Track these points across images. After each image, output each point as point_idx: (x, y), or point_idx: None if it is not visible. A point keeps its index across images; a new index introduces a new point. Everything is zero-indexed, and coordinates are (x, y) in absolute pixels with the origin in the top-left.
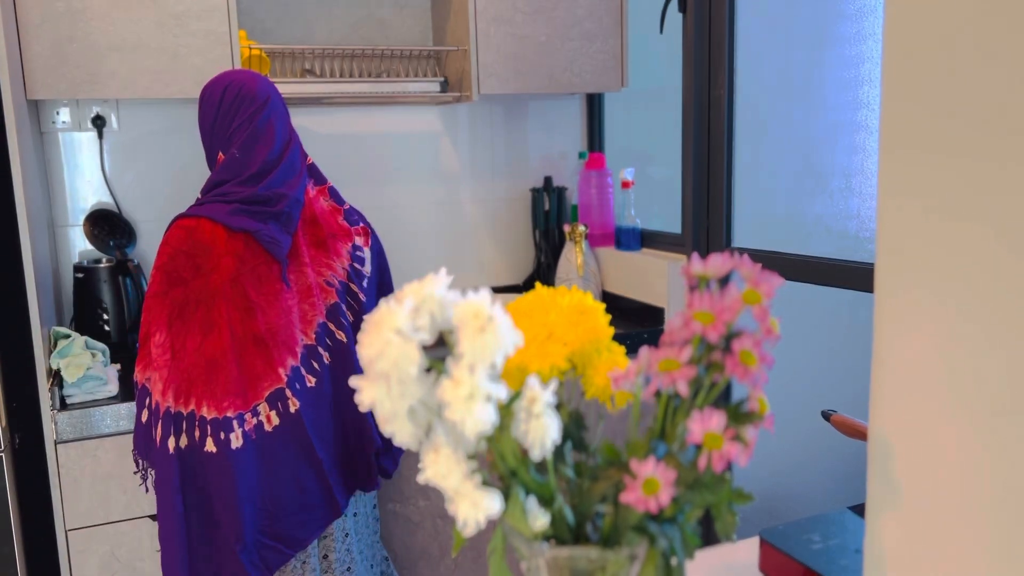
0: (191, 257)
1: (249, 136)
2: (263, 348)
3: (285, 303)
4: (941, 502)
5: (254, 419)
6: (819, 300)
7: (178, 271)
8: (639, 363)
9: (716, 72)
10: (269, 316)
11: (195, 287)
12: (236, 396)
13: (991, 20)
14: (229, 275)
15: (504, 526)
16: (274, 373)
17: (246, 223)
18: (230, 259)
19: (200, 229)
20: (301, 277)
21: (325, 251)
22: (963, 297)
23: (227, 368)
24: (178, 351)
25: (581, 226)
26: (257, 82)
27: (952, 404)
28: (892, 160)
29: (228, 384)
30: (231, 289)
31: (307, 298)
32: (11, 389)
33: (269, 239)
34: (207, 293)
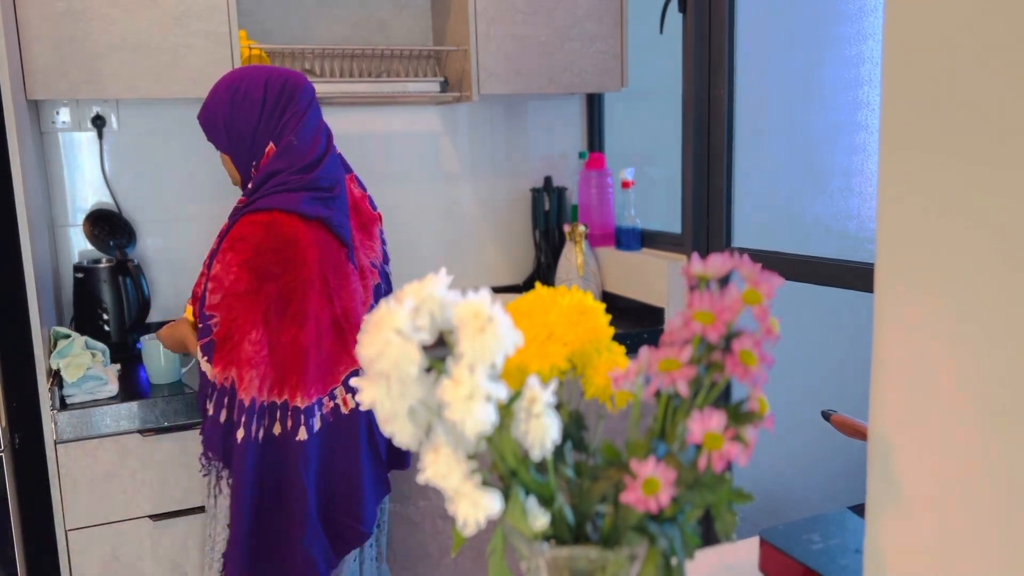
0: (277, 252)
1: (304, 127)
2: (340, 333)
3: (354, 285)
4: (941, 502)
5: (331, 403)
6: (819, 300)
7: (267, 267)
8: (639, 363)
9: (716, 72)
10: (343, 300)
11: (287, 281)
12: (319, 382)
13: (991, 20)
14: (315, 263)
15: (504, 526)
16: (350, 356)
17: (319, 210)
18: (313, 249)
19: (279, 223)
20: (357, 260)
21: (368, 235)
22: (963, 297)
23: (314, 357)
24: (275, 346)
25: (581, 226)
26: (298, 76)
27: (952, 404)
28: (892, 160)
29: (315, 372)
30: (318, 278)
31: (362, 279)
32: (11, 389)
33: (338, 224)
34: (299, 285)
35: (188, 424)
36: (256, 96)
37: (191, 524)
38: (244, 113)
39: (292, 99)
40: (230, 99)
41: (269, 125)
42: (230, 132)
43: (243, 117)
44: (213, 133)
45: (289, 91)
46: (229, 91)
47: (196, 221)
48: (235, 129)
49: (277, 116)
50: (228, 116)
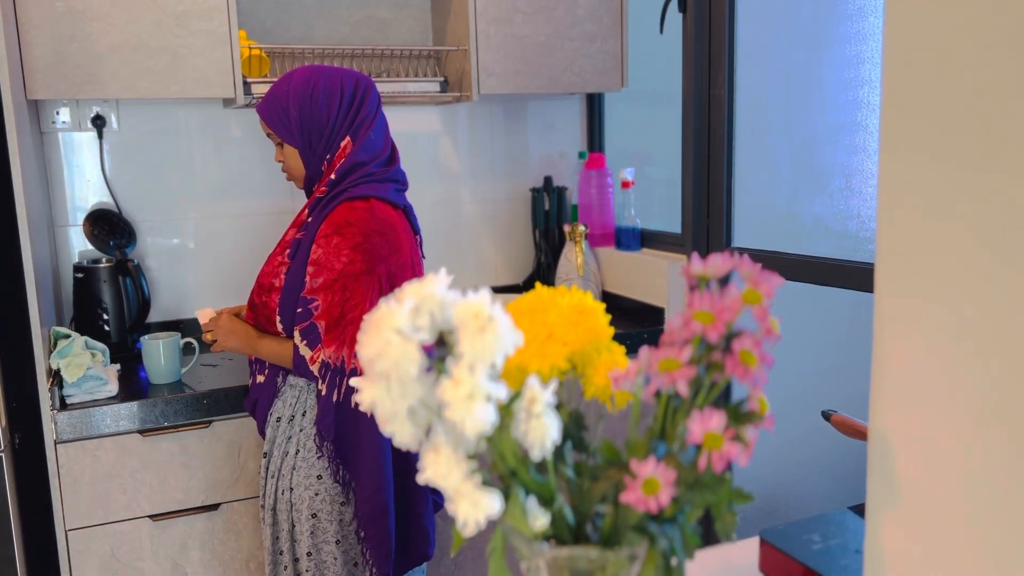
0: (384, 235)
1: (378, 124)
2: None
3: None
4: (941, 502)
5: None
6: (819, 300)
7: (377, 249)
8: (639, 363)
9: (716, 72)
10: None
11: (393, 263)
12: None
13: (992, 20)
14: (410, 249)
15: (504, 526)
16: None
17: (404, 200)
18: (407, 236)
19: (379, 209)
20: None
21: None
22: (963, 297)
23: None
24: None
25: (581, 226)
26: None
27: (952, 404)
28: (892, 160)
29: None
30: (414, 262)
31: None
32: (11, 389)
33: (415, 216)
34: (400, 269)
35: (188, 424)
36: (335, 92)
37: (191, 524)
38: (322, 108)
39: (366, 98)
40: (309, 94)
41: (346, 121)
42: (304, 126)
43: (321, 111)
44: (283, 127)
45: (363, 90)
46: (307, 86)
47: (196, 221)
48: (311, 123)
49: (353, 113)
50: (304, 110)
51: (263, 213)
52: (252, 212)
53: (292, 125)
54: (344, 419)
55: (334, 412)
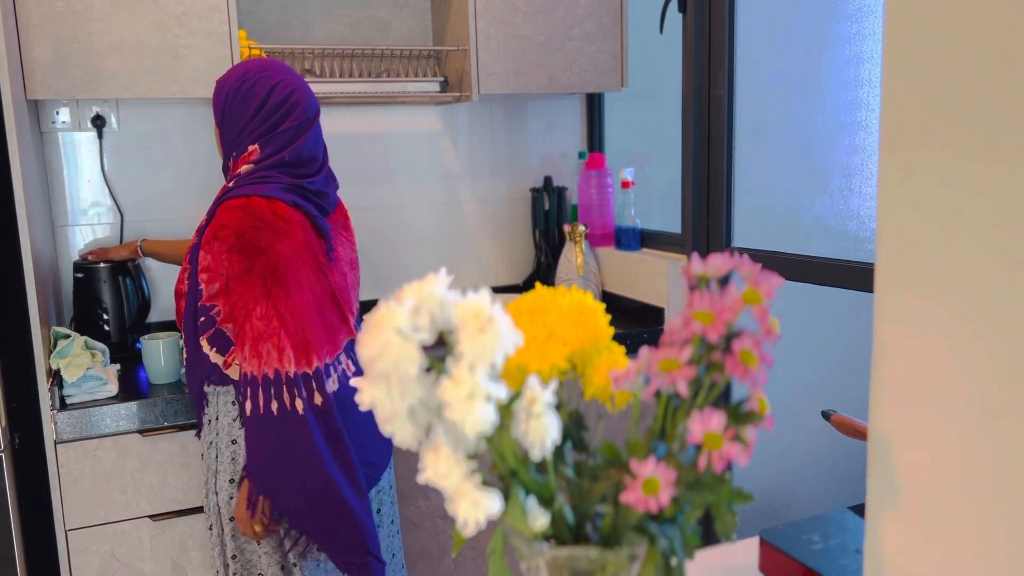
0: (259, 228)
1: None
2: (336, 305)
3: (341, 269)
4: (941, 502)
5: (339, 366)
6: (819, 300)
7: (253, 243)
8: (639, 363)
9: (716, 72)
10: (335, 278)
11: (277, 251)
12: (325, 347)
13: (992, 19)
14: (302, 240)
15: (504, 526)
16: (347, 325)
17: (296, 200)
18: (297, 226)
19: (255, 203)
20: (344, 251)
21: (348, 228)
22: (963, 297)
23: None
24: (284, 314)
25: (581, 226)
26: (306, 93)
27: (952, 404)
28: (892, 160)
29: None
30: (306, 253)
31: (351, 270)
32: (11, 389)
33: (314, 215)
34: (288, 255)
35: (188, 424)
36: (258, 96)
37: (191, 524)
38: (240, 107)
39: (291, 112)
40: (237, 88)
41: (260, 128)
42: (224, 116)
43: (239, 110)
44: (215, 105)
45: (291, 104)
46: (241, 80)
47: (195, 221)
48: (229, 116)
49: (271, 124)
50: (228, 102)
51: None
52: None
53: (216, 110)
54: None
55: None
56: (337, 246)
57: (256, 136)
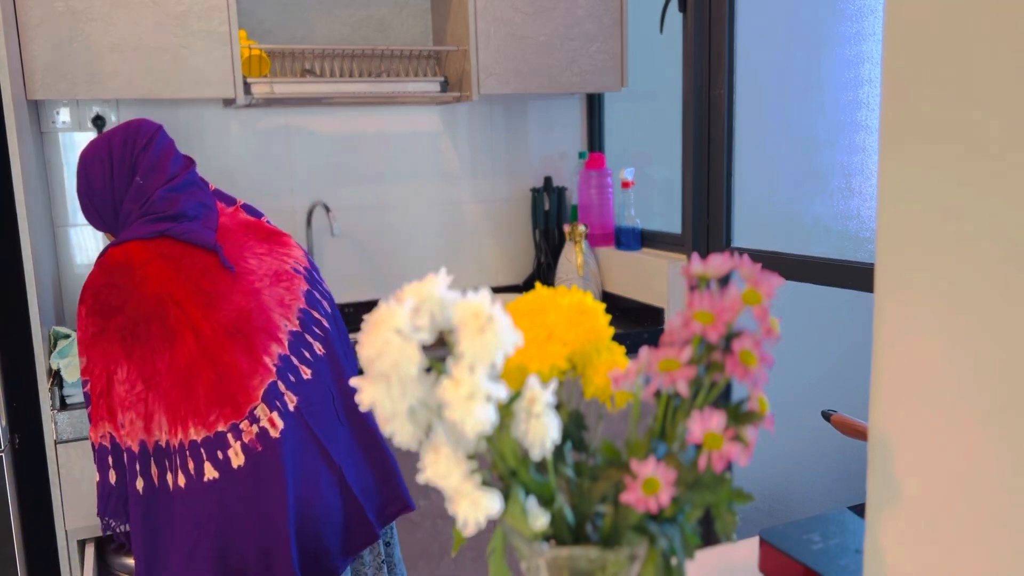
0: (112, 285)
1: (147, 165)
2: (240, 338)
3: (250, 285)
4: (941, 502)
5: (254, 427)
6: (819, 300)
7: (107, 302)
8: (639, 363)
9: (716, 72)
10: (235, 301)
11: (133, 306)
12: (224, 404)
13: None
14: (165, 277)
15: (504, 526)
16: (261, 366)
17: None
18: (159, 262)
19: (109, 256)
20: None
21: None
22: (963, 297)
23: (203, 376)
24: (149, 377)
25: (581, 226)
26: (139, 123)
27: (952, 404)
28: (892, 160)
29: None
30: (176, 289)
31: (278, 282)
32: (11, 389)
33: (185, 231)
34: (149, 303)
35: None
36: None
37: None
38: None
39: (134, 144)
40: (82, 173)
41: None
42: (92, 203)
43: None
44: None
45: (127, 139)
46: (82, 163)
47: None
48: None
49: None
50: (86, 188)
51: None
52: None
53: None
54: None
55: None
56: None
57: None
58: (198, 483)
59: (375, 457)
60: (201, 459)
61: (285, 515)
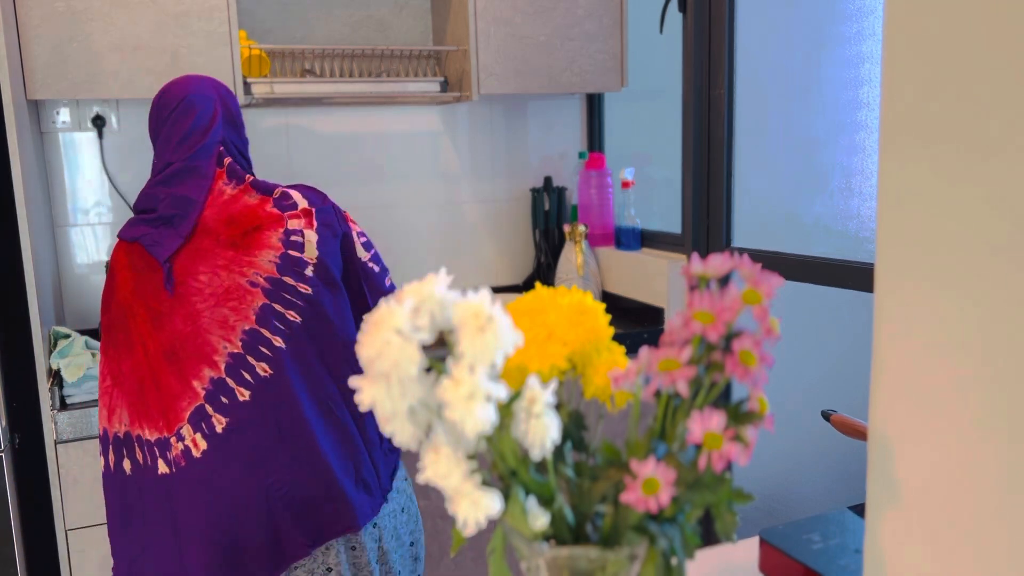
0: (106, 284)
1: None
2: (174, 361)
3: (191, 307)
4: (941, 502)
5: (180, 444)
6: (819, 300)
7: (103, 300)
8: (639, 363)
9: (716, 72)
10: (174, 324)
11: (111, 309)
12: (159, 418)
13: (991, 20)
14: (128, 288)
15: (504, 526)
16: (189, 389)
17: (137, 231)
18: (126, 272)
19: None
20: (214, 279)
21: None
22: (963, 297)
23: (149, 388)
24: (116, 376)
25: (581, 226)
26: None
27: (952, 404)
28: (892, 160)
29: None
30: (135, 302)
31: (226, 302)
32: (11, 389)
33: (152, 243)
34: (120, 312)
35: None
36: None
37: None
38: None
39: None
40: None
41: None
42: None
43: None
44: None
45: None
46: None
47: None
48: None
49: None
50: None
51: None
52: None
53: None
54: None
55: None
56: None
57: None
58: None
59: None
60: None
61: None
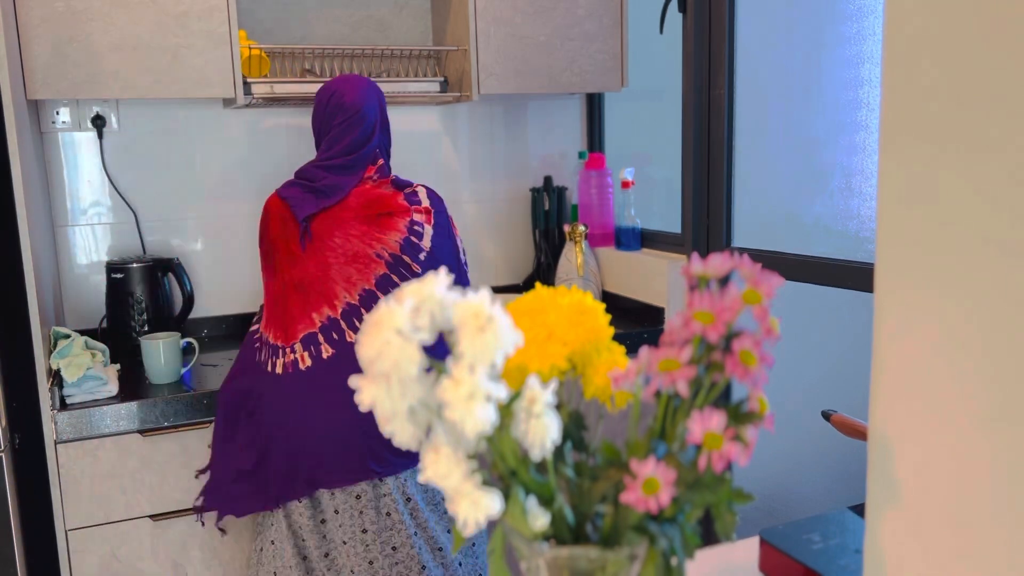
0: (262, 219)
1: (332, 138)
2: (302, 293)
3: (323, 258)
4: (941, 502)
5: (292, 355)
6: (819, 300)
7: (260, 230)
8: (639, 363)
9: (716, 72)
10: (307, 267)
11: (263, 241)
12: (280, 330)
13: (991, 20)
14: (276, 231)
15: (504, 526)
16: (307, 318)
17: (289, 192)
18: (277, 219)
19: (268, 200)
20: (347, 243)
21: (377, 227)
22: (963, 297)
23: (280, 304)
24: (266, 287)
25: (581, 226)
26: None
27: (952, 404)
28: (892, 160)
29: (278, 317)
30: (279, 242)
31: (353, 263)
32: (11, 389)
33: (296, 204)
34: (268, 247)
35: (188, 424)
36: (322, 102)
37: (191, 524)
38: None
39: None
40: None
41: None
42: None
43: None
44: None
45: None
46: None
47: (196, 221)
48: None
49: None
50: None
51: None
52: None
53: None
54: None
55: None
56: (334, 235)
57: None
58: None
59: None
60: (273, 356)
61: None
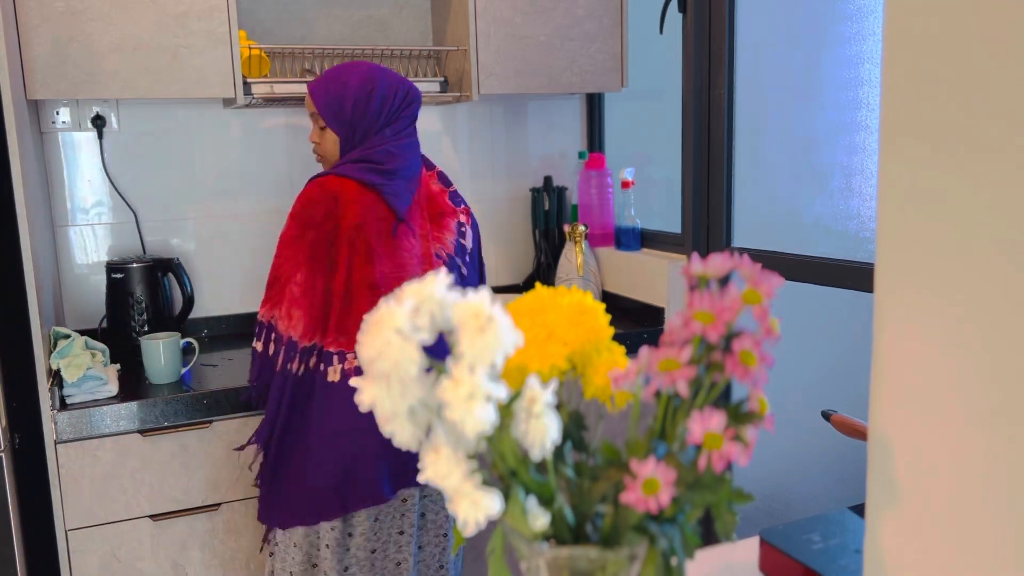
0: (321, 204)
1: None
2: (375, 293)
3: (402, 260)
4: (941, 502)
5: (356, 360)
6: (819, 300)
7: (310, 216)
8: (639, 363)
9: (716, 72)
10: (386, 265)
11: (326, 229)
12: (337, 333)
13: (991, 20)
14: (354, 221)
15: (504, 526)
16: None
17: (374, 178)
18: (356, 207)
19: (330, 182)
20: (419, 243)
21: (438, 226)
22: (963, 296)
23: (337, 306)
24: (308, 290)
25: (581, 226)
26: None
27: (952, 404)
28: (892, 160)
29: (333, 320)
30: (355, 235)
31: (423, 264)
32: (11, 389)
33: (391, 192)
34: (334, 236)
35: (188, 424)
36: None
37: (191, 524)
38: (374, 111)
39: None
40: (367, 95)
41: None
42: (354, 122)
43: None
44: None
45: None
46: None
47: (196, 221)
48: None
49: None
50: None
51: (263, 213)
52: (252, 212)
53: (345, 117)
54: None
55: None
56: (411, 236)
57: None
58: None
59: None
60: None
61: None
